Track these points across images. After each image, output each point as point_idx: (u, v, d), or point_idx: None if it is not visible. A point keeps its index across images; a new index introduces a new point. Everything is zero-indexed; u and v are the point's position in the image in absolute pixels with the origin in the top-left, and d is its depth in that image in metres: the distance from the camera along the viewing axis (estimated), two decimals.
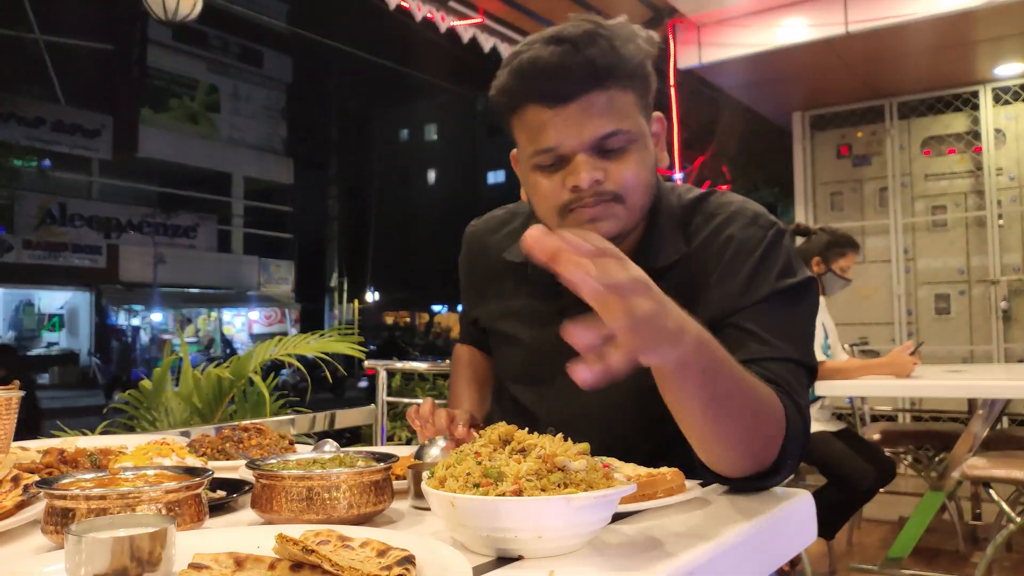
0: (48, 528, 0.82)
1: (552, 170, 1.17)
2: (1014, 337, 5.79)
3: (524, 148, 1.20)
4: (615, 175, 1.15)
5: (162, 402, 3.16)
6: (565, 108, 1.13)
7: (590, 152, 1.14)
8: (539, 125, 1.15)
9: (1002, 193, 5.87)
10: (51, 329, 22.76)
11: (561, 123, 1.13)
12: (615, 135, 1.14)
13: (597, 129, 1.13)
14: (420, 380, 6.34)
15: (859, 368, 3.44)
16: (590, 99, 1.12)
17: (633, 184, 1.16)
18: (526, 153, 1.19)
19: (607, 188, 1.15)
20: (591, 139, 1.13)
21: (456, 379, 1.57)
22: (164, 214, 23.23)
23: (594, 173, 1.13)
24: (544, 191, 1.18)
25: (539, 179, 1.18)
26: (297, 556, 0.69)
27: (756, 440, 1.01)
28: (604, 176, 1.14)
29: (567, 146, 1.14)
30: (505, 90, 1.19)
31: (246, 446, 1.34)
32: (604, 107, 1.13)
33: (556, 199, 1.17)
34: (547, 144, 1.15)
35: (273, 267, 26.20)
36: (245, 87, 25.71)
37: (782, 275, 1.18)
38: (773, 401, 1.01)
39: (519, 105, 1.18)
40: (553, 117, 1.14)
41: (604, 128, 1.13)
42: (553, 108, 1.13)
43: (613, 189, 1.15)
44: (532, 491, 0.77)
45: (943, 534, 4.11)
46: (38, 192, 20.38)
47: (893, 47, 5.16)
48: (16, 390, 1.25)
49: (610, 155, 1.15)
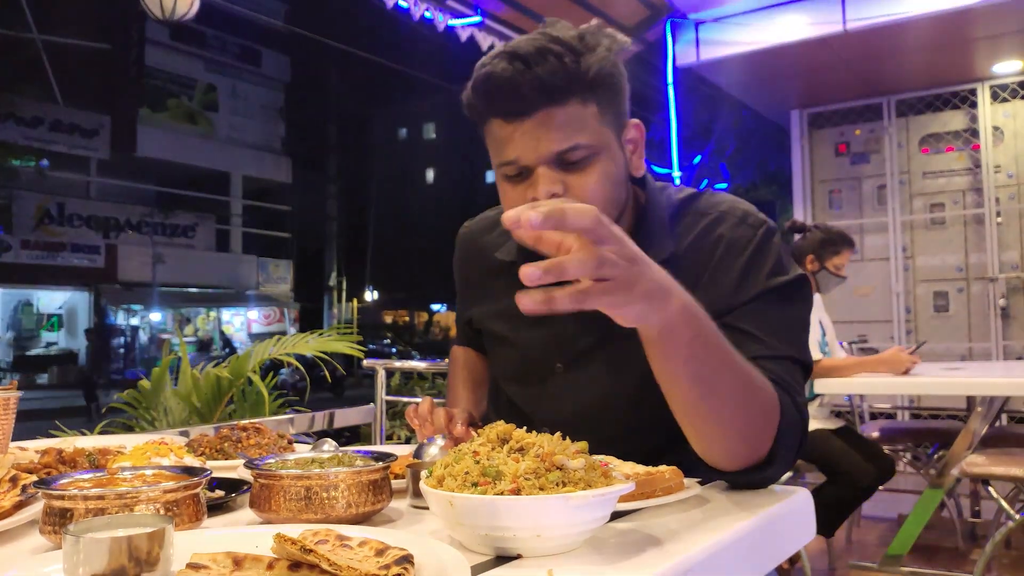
0: (46, 528, 0.82)
1: (517, 180, 1.18)
2: (1012, 334, 5.80)
3: (493, 158, 1.22)
4: (576, 188, 1.15)
5: (161, 402, 3.16)
6: (522, 123, 1.13)
7: (550, 165, 1.14)
8: (502, 138, 1.17)
9: (1000, 191, 5.88)
10: (50, 329, 22.74)
11: (519, 137, 1.14)
12: (573, 150, 1.13)
13: (553, 144, 1.13)
14: (419, 379, 6.35)
15: (855, 365, 3.45)
16: (548, 114, 1.12)
17: (593, 197, 1.15)
18: (495, 163, 1.21)
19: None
20: (547, 154, 1.13)
21: (453, 381, 1.57)
22: (162, 214, 23.20)
23: (552, 187, 1.13)
24: (509, 200, 1.19)
25: (506, 188, 1.20)
26: (295, 556, 0.69)
27: (748, 422, 1.00)
28: (563, 189, 1.14)
29: (526, 159, 1.15)
30: (469, 104, 1.21)
31: (245, 446, 1.34)
32: (561, 122, 1.13)
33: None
34: (508, 157, 1.16)
35: (272, 266, 26.19)
36: (243, 86, 25.67)
37: (773, 273, 1.18)
38: (765, 384, 1.01)
39: (482, 119, 1.20)
40: (512, 132, 1.15)
41: (560, 144, 1.13)
42: (511, 123, 1.14)
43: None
44: (530, 490, 0.77)
45: (942, 531, 4.11)
46: (36, 192, 20.35)
47: (891, 45, 5.16)
48: (14, 390, 1.25)
49: (571, 168, 1.15)
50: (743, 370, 0.96)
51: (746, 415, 0.99)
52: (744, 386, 0.97)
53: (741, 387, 0.97)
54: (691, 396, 0.95)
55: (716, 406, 0.96)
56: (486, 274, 1.43)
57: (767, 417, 1.02)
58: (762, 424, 1.01)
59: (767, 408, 1.01)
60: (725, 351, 0.93)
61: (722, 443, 1.01)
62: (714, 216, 1.24)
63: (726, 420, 0.98)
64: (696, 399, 0.95)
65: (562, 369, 1.30)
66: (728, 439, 1.01)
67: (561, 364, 1.30)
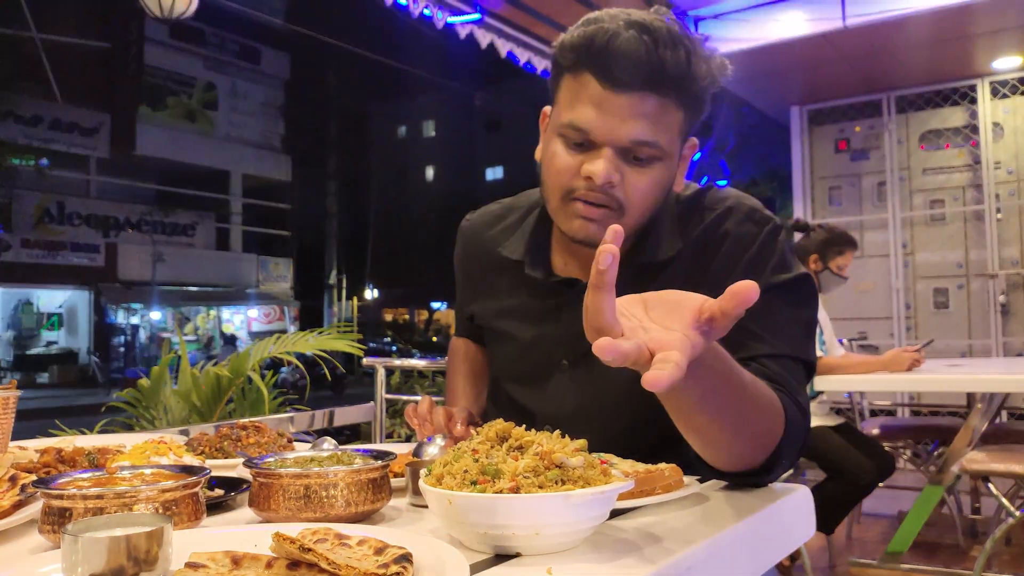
0: (45, 528, 0.82)
1: (575, 148, 1.14)
2: (1012, 331, 5.80)
3: (560, 112, 1.17)
4: (629, 185, 1.13)
5: (160, 400, 3.16)
6: (617, 95, 1.10)
7: (617, 151, 1.12)
8: (586, 98, 1.12)
9: (1000, 187, 5.88)
10: (50, 328, 22.76)
11: (607, 108, 1.10)
12: (648, 145, 1.11)
13: (634, 132, 1.10)
14: (419, 377, 6.34)
15: (857, 365, 3.44)
16: (644, 100, 1.10)
17: (641, 200, 1.14)
18: (560, 118, 1.16)
19: (615, 194, 1.13)
20: (625, 138, 1.11)
21: (453, 373, 1.57)
22: (162, 212, 23.22)
23: (612, 174, 1.11)
24: (559, 165, 1.16)
25: (559, 149, 1.16)
26: (294, 555, 0.69)
27: (753, 436, 0.99)
28: (619, 180, 1.12)
29: (600, 134, 1.11)
30: (572, 47, 1.14)
31: (244, 444, 1.34)
32: (652, 114, 1.10)
33: (566, 179, 1.15)
34: (583, 123, 1.12)
35: (272, 265, 26.20)
36: (243, 84, 25.68)
37: (777, 271, 1.16)
38: (773, 402, 0.99)
39: (577, 68, 1.14)
40: (603, 98, 1.11)
41: (642, 134, 1.11)
42: (606, 90, 1.10)
43: (620, 198, 1.14)
44: (529, 488, 0.77)
45: (942, 528, 4.11)
46: (36, 191, 20.36)
47: (891, 41, 5.16)
48: (14, 389, 1.25)
49: (634, 162, 1.13)
50: (751, 390, 0.94)
51: (751, 431, 0.98)
52: (751, 407, 0.95)
53: (748, 408, 0.95)
54: (698, 420, 0.93)
55: (722, 426, 0.94)
56: (489, 270, 1.41)
57: (772, 430, 1.00)
58: (767, 436, 1.00)
59: (772, 422, 1.00)
60: (733, 374, 0.90)
61: (726, 455, 1.00)
62: (720, 212, 1.23)
63: (730, 437, 0.97)
64: (703, 423, 0.93)
65: (568, 366, 1.29)
66: (732, 452, 1.00)
67: (567, 361, 1.29)
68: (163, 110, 23.64)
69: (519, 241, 1.34)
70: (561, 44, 1.17)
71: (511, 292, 1.37)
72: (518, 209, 1.44)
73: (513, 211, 1.44)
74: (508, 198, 1.50)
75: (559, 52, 1.17)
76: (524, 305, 1.34)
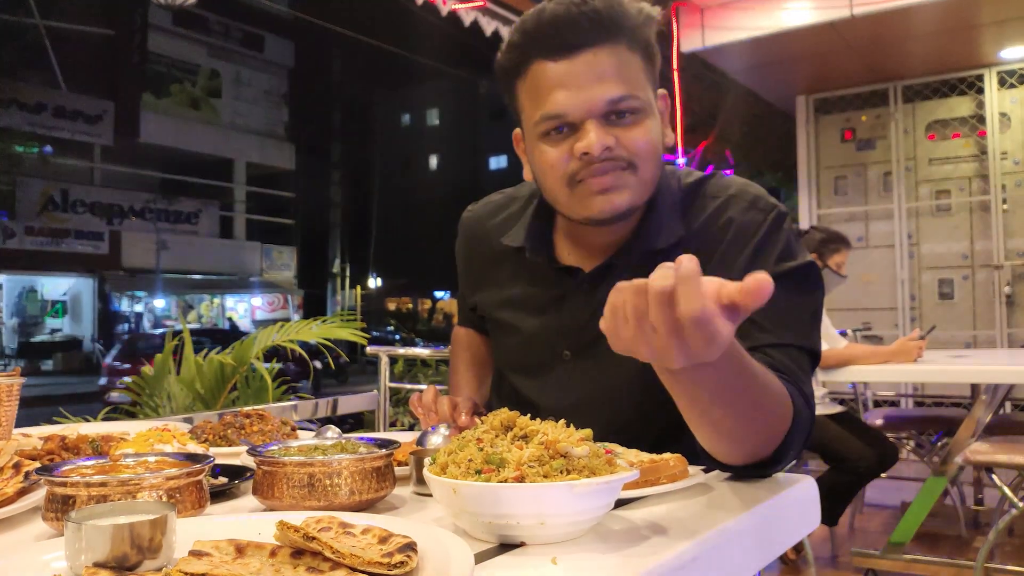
0: (49, 515, 0.82)
1: (560, 138, 1.14)
2: (1018, 322, 5.78)
3: (530, 116, 1.16)
4: (627, 142, 1.12)
5: (164, 388, 3.16)
6: (572, 62, 1.10)
7: (600, 119, 1.11)
8: (546, 85, 1.12)
9: (1007, 177, 5.85)
10: (54, 315, 22.83)
11: (569, 83, 1.10)
12: (625, 99, 1.11)
13: (606, 92, 1.10)
14: (422, 366, 6.35)
15: (864, 355, 3.43)
16: (598, 57, 1.10)
17: (646, 151, 1.13)
18: (532, 121, 1.16)
19: (619, 154, 1.12)
20: (601, 102, 1.10)
21: (456, 362, 1.56)
22: (166, 200, 23.25)
23: (605, 139, 1.10)
24: (551, 160, 1.15)
25: (546, 148, 1.15)
26: (298, 543, 0.68)
27: (762, 430, 0.98)
28: (615, 143, 1.11)
29: (576, 112, 1.11)
30: (511, 46, 1.16)
31: (248, 432, 1.34)
32: (613, 69, 1.10)
33: (564, 168, 1.14)
34: (555, 109, 1.12)
35: (275, 253, 26.23)
36: (246, 72, 25.66)
37: (782, 259, 1.15)
38: (782, 392, 0.98)
39: (525, 63, 1.15)
40: (561, 75, 1.11)
41: (614, 91, 1.10)
42: (558, 61, 1.11)
43: (626, 156, 1.12)
44: (534, 477, 0.77)
45: (945, 519, 4.11)
46: (40, 178, 20.40)
47: (898, 30, 5.13)
48: (18, 376, 1.25)
49: (620, 122, 1.12)
50: (762, 380, 0.92)
51: (764, 422, 0.97)
52: (763, 397, 0.93)
53: (760, 399, 0.93)
54: (714, 413, 0.91)
55: (737, 418, 0.93)
56: (491, 259, 1.40)
57: (781, 421, 0.99)
58: (776, 427, 0.99)
59: (782, 413, 0.99)
60: (746, 364, 0.87)
61: (739, 448, 0.99)
62: (723, 199, 1.22)
63: (744, 429, 0.95)
64: (719, 416, 0.91)
65: (570, 356, 1.28)
66: (745, 445, 0.99)
67: (569, 351, 1.28)
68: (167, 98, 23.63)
69: (521, 229, 1.33)
70: (502, 54, 1.19)
71: (513, 282, 1.36)
72: (520, 198, 1.43)
73: (515, 200, 1.43)
74: (510, 188, 1.49)
75: (502, 64, 1.19)
76: (526, 295, 1.34)
